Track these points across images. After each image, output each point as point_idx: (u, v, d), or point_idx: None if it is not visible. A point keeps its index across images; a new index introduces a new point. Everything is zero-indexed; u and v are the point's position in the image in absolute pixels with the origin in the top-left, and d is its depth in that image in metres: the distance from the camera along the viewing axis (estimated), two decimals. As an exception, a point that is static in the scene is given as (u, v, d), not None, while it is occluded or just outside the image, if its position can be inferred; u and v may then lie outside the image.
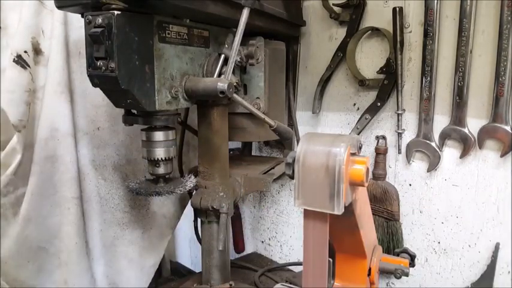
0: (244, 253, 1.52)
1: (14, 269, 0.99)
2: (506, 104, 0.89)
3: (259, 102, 1.00)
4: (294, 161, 0.63)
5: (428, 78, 0.99)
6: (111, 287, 1.15)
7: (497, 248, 0.96)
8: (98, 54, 0.67)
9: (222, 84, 0.77)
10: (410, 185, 1.09)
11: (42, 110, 0.95)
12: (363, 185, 0.64)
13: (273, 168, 1.14)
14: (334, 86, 1.21)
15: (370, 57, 1.13)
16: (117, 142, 1.10)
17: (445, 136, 1.00)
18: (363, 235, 0.77)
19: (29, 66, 0.91)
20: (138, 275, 1.19)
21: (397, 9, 1.01)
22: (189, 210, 1.13)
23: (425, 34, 0.97)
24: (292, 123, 1.26)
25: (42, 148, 0.96)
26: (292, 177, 0.64)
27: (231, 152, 1.31)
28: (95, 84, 0.72)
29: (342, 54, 1.15)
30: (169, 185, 0.86)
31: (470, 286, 1.01)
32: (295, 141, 1.27)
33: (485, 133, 0.93)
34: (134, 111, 0.82)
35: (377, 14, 1.09)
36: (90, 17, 0.67)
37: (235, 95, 0.81)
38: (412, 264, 0.93)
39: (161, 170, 0.84)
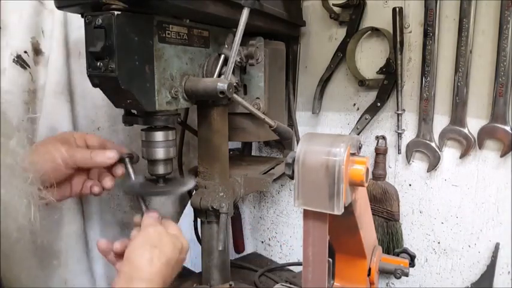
0: (244, 253, 1.52)
1: (13, 269, 0.99)
2: (506, 104, 0.89)
3: (259, 102, 1.00)
4: (293, 161, 0.63)
5: (428, 78, 0.99)
6: (111, 287, 1.15)
7: (497, 248, 0.96)
8: (97, 55, 0.67)
9: (222, 85, 0.77)
10: (410, 185, 1.09)
11: (42, 110, 0.95)
12: (362, 185, 0.64)
13: (273, 168, 1.13)
14: (334, 86, 1.21)
15: (370, 57, 1.13)
16: (117, 142, 1.09)
17: (445, 136, 1.00)
18: (363, 235, 0.77)
19: (28, 66, 0.91)
20: (138, 275, 1.19)
21: (397, 9, 1.01)
22: (189, 210, 1.13)
23: (425, 34, 0.97)
24: (292, 123, 1.26)
25: (42, 148, 0.96)
26: (292, 177, 0.64)
27: (231, 152, 1.31)
28: (94, 85, 0.72)
29: (342, 54, 1.15)
30: (169, 185, 0.86)
31: (470, 286, 1.01)
32: (295, 141, 1.27)
33: (485, 133, 0.93)
34: (134, 111, 0.82)
35: (377, 14, 1.09)
36: (90, 17, 0.67)
37: (235, 95, 0.81)
38: (412, 264, 0.93)
39: (161, 170, 0.84)
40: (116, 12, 0.65)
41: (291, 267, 1.32)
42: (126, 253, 0.65)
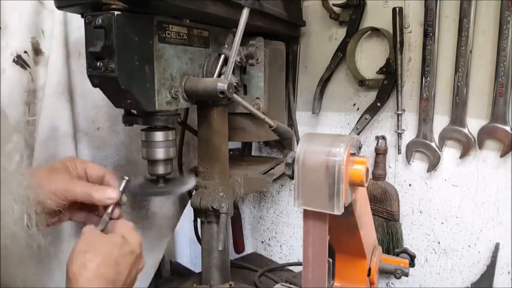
0: (244, 253, 1.52)
1: (13, 269, 0.98)
2: (506, 104, 0.89)
3: (259, 102, 1.00)
4: (293, 161, 0.63)
5: (428, 78, 0.99)
6: (111, 287, 1.15)
7: (497, 248, 0.96)
8: (97, 55, 0.67)
9: (222, 85, 0.77)
10: (410, 185, 1.09)
11: (42, 110, 0.95)
12: (362, 185, 0.64)
13: (273, 168, 1.13)
14: (334, 86, 1.21)
15: (370, 58, 1.13)
16: (117, 142, 1.10)
17: (445, 136, 1.00)
18: (363, 235, 0.77)
19: (28, 66, 0.91)
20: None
21: (397, 9, 1.00)
22: (189, 210, 1.13)
23: (425, 34, 0.97)
24: (292, 123, 1.26)
25: (42, 148, 0.96)
26: (292, 177, 0.64)
27: (231, 152, 1.31)
28: (94, 85, 0.72)
29: (342, 54, 1.15)
30: (169, 186, 0.86)
31: (470, 286, 1.01)
32: (295, 142, 1.27)
33: (485, 133, 0.93)
34: (134, 111, 0.82)
35: (377, 14, 1.09)
36: (90, 17, 0.67)
37: (235, 95, 0.81)
38: (411, 264, 0.93)
39: (161, 170, 0.84)
40: (115, 12, 0.65)
41: (291, 267, 1.32)
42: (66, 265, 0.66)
